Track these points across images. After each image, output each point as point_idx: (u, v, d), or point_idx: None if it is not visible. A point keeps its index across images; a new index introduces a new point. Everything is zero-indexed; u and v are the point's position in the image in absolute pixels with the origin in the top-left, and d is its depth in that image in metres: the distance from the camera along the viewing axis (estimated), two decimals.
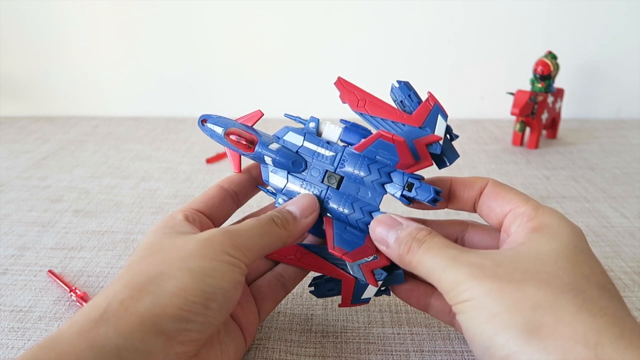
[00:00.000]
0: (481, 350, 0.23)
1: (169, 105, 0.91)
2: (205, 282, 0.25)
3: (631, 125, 0.83)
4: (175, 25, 0.85)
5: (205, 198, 0.33)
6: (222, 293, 0.25)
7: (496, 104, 0.83)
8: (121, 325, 0.22)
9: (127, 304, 0.23)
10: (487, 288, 0.23)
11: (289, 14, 0.83)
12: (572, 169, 0.65)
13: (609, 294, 0.23)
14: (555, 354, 0.20)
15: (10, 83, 0.90)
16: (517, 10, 0.81)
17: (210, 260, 0.26)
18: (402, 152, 0.30)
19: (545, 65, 0.68)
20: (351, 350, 0.34)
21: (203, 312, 0.24)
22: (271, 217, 0.30)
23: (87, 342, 0.22)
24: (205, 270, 0.25)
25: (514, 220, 0.27)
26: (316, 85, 0.88)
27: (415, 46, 0.84)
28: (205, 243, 0.26)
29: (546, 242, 0.25)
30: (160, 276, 0.24)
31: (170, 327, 0.23)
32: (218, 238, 0.27)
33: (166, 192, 0.59)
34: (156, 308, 0.23)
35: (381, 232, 0.29)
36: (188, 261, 0.25)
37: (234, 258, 0.26)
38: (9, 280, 0.42)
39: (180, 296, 0.24)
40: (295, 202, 0.31)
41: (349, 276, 0.32)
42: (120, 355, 0.22)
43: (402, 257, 0.28)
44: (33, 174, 0.64)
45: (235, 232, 0.28)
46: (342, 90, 0.32)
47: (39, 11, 0.84)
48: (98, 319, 0.23)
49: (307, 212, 0.31)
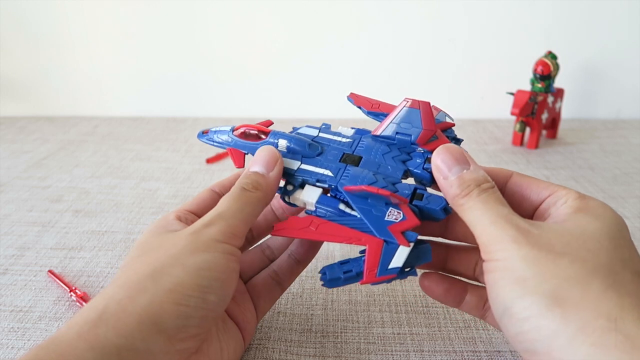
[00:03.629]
0: (501, 310, 0.24)
1: (169, 105, 0.91)
2: (200, 275, 0.25)
3: (631, 125, 0.83)
4: (175, 25, 0.85)
5: (197, 200, 0.33)
6: (218, 284, 0.25)
7: (496, 104, 0.83)
8: (120, 325, 0.22)
9: (124, 304, 0.23)
10: (524, 253, 0.23)
11: (289, 13, 0.83)
12: (572, 169, 0.65)
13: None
14: (574, 324, 0.21)
15: (10, 83, 0.90)
16: (517, 11, 0.81)
17: (202, 252, 0.26)
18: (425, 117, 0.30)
19: (545, 65, 0.68)
20: (351, 350, 0.34)
21: (201, 305, 0.24)
22: (241, 186, 0.29)
23: (87, 342, 0.22)
24: (198, 263, 0.25)
25: (555, 202, 0.27)
26: (317, 86, 0.88)
27: (416, 46, 0.84)
28: (194, 237, 0.26)
29: (591, 221, 0.25)
30: (155, 274, 0.24)
31: (169, 325, 0.23)
32: (203, 229, 0.27)
33: (166, 192, 0.59)
34: (153, 306, 0.23)
35: (446, 161, 0.28)
36: (181, 257, 0.25)
37: (225, 244, 0.26)
38: (9, 280, 0.42)
39: (177, 292, 0.24)
40: (256, 159, 0.31)
41: (375, 239, 0.28)
42: (120, 355, 0.22)
43: (457, 198, 0.27)
44: (33, 174, 0.64)
45: (217, 218, 0.27)
46: (356, 99, 0.33)
47: (39, 11, 0.84)
48: (97, 320, 0.23)
49: (271, 164, 0.30)
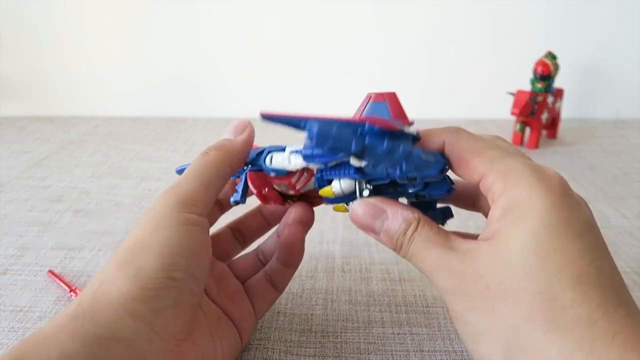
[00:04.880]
0: None
1: (169, 105, 0.91)
2: (163, 253, 0.24)
3: (631, 125, 0.83)
4: (175, 25, 0.85)
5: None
6: (183, 260, 0.24)
7: (496, 104, 0.83)
8: (96, 316, 0.22)
9: (97, 294, 0.23)
10: (469, 306, 0.22)
11: (289, 13, 0.83)
12: (572, 169, 0.65)
13: (582, 287, 0.20)
14: None
15: (11, 83, 0.90)
16: (517, 11, 0.81)
17: (163, 229, 0.24)
18: (393, 108, 0.27)
19: (545, 65, 0.68)
20: (351, 350, 0.34)
21: (170, 285, 0.24)
22: (204, 152, 0.28)
23: (67, 333, 0.22)
24: (160, 241, 0.24)
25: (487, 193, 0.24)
26: (317, 86, 0.88)
27: (416, 46, 0.84)
28: (153, 213, 0.25)
29: (515, 233, 0.22)
30: (121, 262, 0.24)
31: (143, 311, 0.23)
32: (162, 200, 0.26)
33: None
34: (122, 295, 0.23)
35: (365, 222, 0.27)
36: (144, 238, 0.24)
37: (185, 214, 0.25)
38: (9, 280, 0.42)
39: (142, 276, 0.23)
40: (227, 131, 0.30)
41: None
42: (101, 344, 0.22)
43: (398, 253, 0.26)
44: (33, 174, 0.64)
45: (175, 186, 0.26)
46: None
47: (39, 11, 0.84)
48: (73, 313, 0.23)
49: (238, 129, 0.30)
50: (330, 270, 0.43)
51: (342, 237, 0.48)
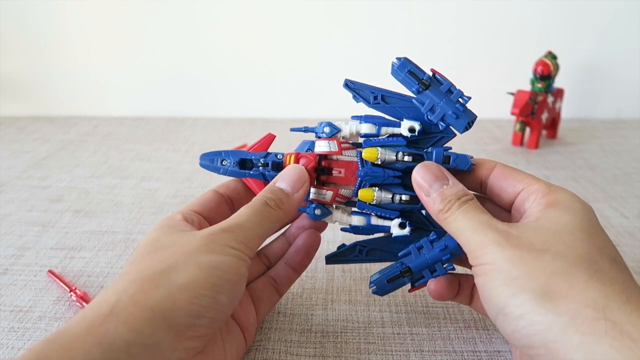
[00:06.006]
0: (495, 311, 0.25)
1: (169, 105, 0.91)
2: (214, 274, 0.25)
3: (631, 125, 0.83)
4: (175, 25, 0.84)
5: (202, 201, 0.33)
6: (229, 286, 0.26)
7: (496, 104, 0.82)
8: (131, 320, 0.22)
9: (137, 298, 0.23)
10: (509, 255, 0.25)
11: (288, 13, 0.83)
12: (572, 169, 0.65)
13: (619, 266, 0.25)
14: (566, 315, 0.22)
15: (10, 83, 0.90)
16: (517, 11, 0.81)
17: (215, 254, 0.26)
18: None
19: (545, 65, 0.68)
20: (351, 350, 0.34)
21: (213, 305, 0.25)
22: (264, 200, 0.29)
23: (95, 337, 0.21)
24: (212, 263, 0.25)
25: (528, 197, 0.29)
26: (317, 86, 0.88)
27: (416, 46, 0.84)
28: (209, 239, 0.27)
29: (562, 215, 0.26)
30: (170, 270, 0.25)
31: (181, 321, 0.23)
32: (220, 234, 0.27)
33: (166, 192, 0.59)
34: (167, 302, 0.23)
35: (426, 179, 0.29)
36: (195, 256, 0.25)
37: (238, 251, 0.27)
38: (9, 280, 0.42)
39: (191, 289, 0.24)
40: (284, 176, 0.31)
41: None
42: (129, 351, 0.22)
43: (440, 213, 0.28)
44: (33, 174, 0.64)
45: (235, 227, 0.28)
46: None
47: (40, 11, 0.84)
48: (108, 314, 0.22)
49: (297, 185, 0.30)
50: (330, 270, 0.43)
51: (342, 237, 0.48)
